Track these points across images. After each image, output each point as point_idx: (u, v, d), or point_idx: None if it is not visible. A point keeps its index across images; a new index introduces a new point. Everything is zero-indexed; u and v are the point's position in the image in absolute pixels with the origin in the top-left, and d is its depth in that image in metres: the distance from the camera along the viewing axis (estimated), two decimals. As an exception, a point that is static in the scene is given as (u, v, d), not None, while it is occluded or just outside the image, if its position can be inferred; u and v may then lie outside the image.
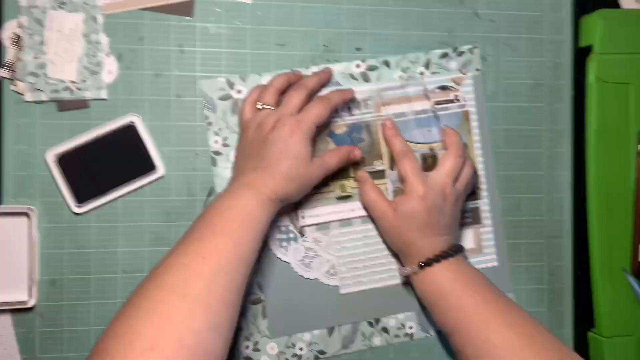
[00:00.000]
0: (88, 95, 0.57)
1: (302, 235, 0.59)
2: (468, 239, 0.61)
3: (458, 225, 0.58)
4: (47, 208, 0.57)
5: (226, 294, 0.44)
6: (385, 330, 0.60)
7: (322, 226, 0.59)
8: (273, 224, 0.57)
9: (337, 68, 0.60)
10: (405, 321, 0.60)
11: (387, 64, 0.61)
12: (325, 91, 0.59)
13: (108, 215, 0.57)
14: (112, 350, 0.38)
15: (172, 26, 0.58)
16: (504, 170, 0.63)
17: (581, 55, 0.63)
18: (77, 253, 0.57)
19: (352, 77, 0.60)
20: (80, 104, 0.57)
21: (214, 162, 0.59)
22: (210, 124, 0.59)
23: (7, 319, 0.56)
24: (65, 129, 0.57)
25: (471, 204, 0.61)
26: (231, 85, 0.59)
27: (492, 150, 0.62)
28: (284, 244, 0.59)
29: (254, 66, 0.59)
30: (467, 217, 0.61)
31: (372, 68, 0.60)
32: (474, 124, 0.61)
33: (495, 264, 0.62)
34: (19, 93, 0.56)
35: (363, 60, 0.60)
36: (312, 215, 0.59)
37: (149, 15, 0.58)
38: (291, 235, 0.59)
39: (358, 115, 0.60)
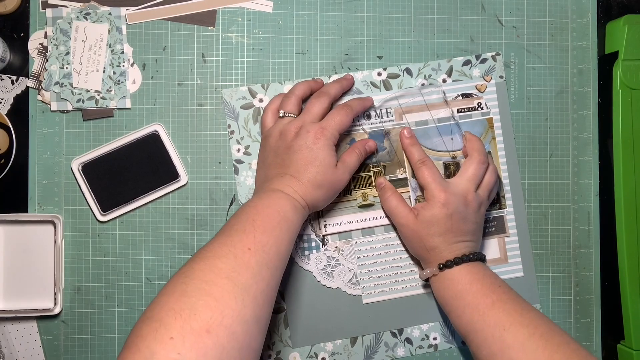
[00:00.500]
0: (112, 104, 0.58)
1: (324, 243, 0.59)
2: (493, 248, 0.60)
3: (481, 232, 0.57)
4: (72, 216, 0.57)
5: (267, 289, 0.44)
6: (409, 340, 0.59)
7: (344, 235, 0.59)
8: None
9: (358, 76, 0.60)
10: (430, 332, 0.60)
11: (408, 71, 0.60)
12: (346, 99, 0.59)
13: (132, 223, 0.58)
14: (170, 323, 0.37)
15: (194, 36, 0.59)
16: (528, 179, 0.62)
17: (606, 61, 0.62)
18: (101, 261, 0.58)
19: (374, 85, 0.60)
20: (105, 113, 0.58)
21: (236, 171, 0.59)
22: (232, 132, 0.59)
23: (33, 325, 0.57)
24: (90, 138, 0.58)
25: (496, 213, 0.61)
26: (253, 94, 0.59)
27: (517, 158, 0.61)
28: (306, 252, 0.59)
29: (275, 75, 0.60)
30: (491, 226, 0.60)
31: (393, 76, 0.60)
32: (498, 131, 0.61)
33: (521, 274, 0.61)
34: (45, 102, 0.57)
35: (384, 69, 0.60)
36: (334, 223, 0.59)
37: (172, 26, 0.59)
38: (313, 243, 0.59)
39: (379, 123, 0.60)
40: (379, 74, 0.60)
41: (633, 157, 0.60)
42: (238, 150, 0.59)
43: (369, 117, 0.59)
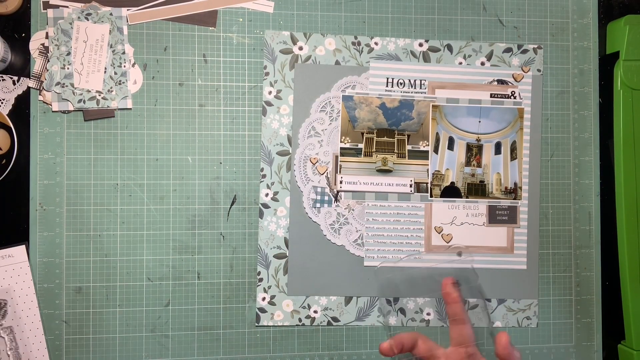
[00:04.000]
0: (114, 104, 0.58)
1: (337, 199, 0.59)
2: (500, 236, 0.61)
3: None
4: (74, 216, 0.57)
5: None
6: (402, 311, 0.60)
7: (358, 195, 0.60)
8: (308, 183, 0.58)
9: (400, 42, 0.60)
10: (424, 306, 0.60)
11: (449, 48, 0.61)
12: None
13: (133, 223, 0.58)
14: None
15: (195, 36, 0.59)
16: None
17: (607, 61, 0.62)
18: (102, 261, 0.58)
19: (413, 54, 0.60)
20: (106, 114, 0.58)
21: (264, 112, 0.59)
22: (267, 73, 0.59)
23: (38, 327, 0.57)
24: (92, 138, 0.58)
25: (510, 203, 0.61)
26: (294, 40, 0.59)
27: (540, 153, 0.61)
28: (317, 205, 0.59)
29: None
30: (503, 214, 0.61)
31: (434, 49, 0.61)
32: (527, 123, 0.61)
33: (524, 267, 0.61)
34: (46, 103, 0.57)
35: (426, 40, 0.60)
36: (350, 181, 0.59)
37: (173, 26, 0.59)
38: (326, 197, 0.59)
39: (411, 93, 0.60)
40: (420, 45, 0.60)
41: (634, 157, 0.60)
42: (269, 93, 0.59)
43: (402, 84, 0.59)
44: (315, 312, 0.59)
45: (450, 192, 0.61)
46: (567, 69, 0.62)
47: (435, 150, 0.60)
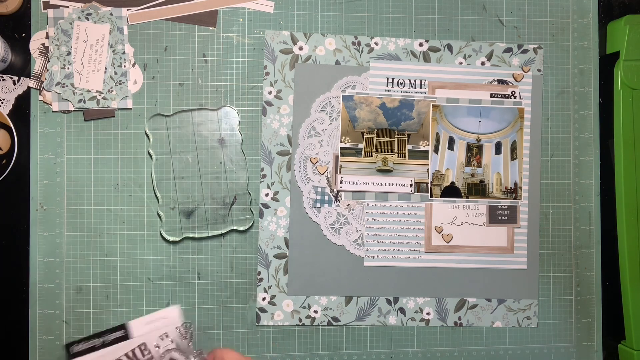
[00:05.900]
0: (114, 104, 0.58)
1: (337, 199, 0.59)
2: (501, 236, 0.61)
3: None
4: (74, 216, 0.58)
5: None
6: (402, 310, 0.60)
7: (358, 195, 0.60)
8: (309, 183, 0.57)
9: (400, 42, 0.60)
10: (424, 306, 0.60)
11: (450, 48, 0.61)
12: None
13: (133, 223, 0.58)
14: None
15: (195, 36, 0.59)
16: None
17: (607, 61, 0.62)
18: (102, 261, 0.58)
19: (413, 54, 0.60)
20: (106, 114, 0.58)
21: (264, 112, 0.59)
22: (267, 73, 0.59)
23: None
24: (92, 138, 0.58)
25: (510, 202, 0.61)
26: (294, 40, 0.60)
27: (540, 153, 0.61)
28: (318, 205, 0.59)
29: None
30: (503, 214, 0.61)
31: (434, 49, 0.61)
32: (527, 123, 0.61)
33: (524, 267, 0.61)
34: (46, 103, 0.57)
35: (427, 40, 0.60)
36: (350, 181, 0.60)
37: (173, 26, 0.59)
38: (326, 197, 0.59)
39: (411, 93, 0.60)
40: (421, 45, 0.60)
41: (634, 157, 0.60)
42: (270, 92, 0.59)
43: (402, 84, 0.59)
44: (316, 312, 0.59)
45: (451, 192, 0.61)
46: (567, 69, 0.62)
47: (436, 150, 0.60)
